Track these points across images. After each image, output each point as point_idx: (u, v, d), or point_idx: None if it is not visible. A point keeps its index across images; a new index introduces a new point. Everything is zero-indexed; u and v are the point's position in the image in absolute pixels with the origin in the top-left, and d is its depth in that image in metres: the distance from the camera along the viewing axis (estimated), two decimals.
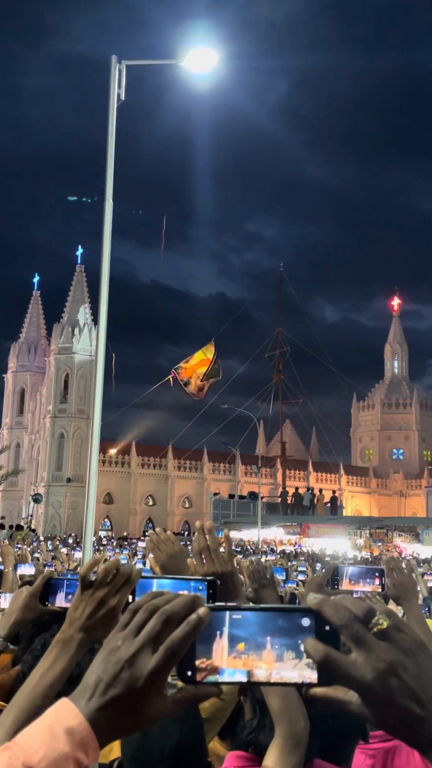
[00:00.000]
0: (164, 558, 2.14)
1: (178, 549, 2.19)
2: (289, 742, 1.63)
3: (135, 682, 0.83)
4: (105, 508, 67.17)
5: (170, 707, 0.86)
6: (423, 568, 16.29)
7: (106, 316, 9.99)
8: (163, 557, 2.15)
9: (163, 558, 2.15)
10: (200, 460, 73.35)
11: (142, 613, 0.86)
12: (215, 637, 0.85)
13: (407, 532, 44.43)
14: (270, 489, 68.12)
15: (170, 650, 0.83)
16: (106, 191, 9.85)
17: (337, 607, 0.81)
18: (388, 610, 0.83)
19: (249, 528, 43.96)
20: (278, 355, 74.99)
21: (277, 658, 0.83)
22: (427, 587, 10.54)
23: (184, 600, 0.86)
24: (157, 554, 2.16)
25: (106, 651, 0.86)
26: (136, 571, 1.48)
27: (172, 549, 2.17)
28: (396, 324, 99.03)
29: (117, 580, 1.47)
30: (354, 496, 79.57)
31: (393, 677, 0.78)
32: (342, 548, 32.44)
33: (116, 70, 9.54)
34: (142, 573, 1.51)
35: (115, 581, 1.47)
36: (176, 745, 1.63)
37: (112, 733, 0.85)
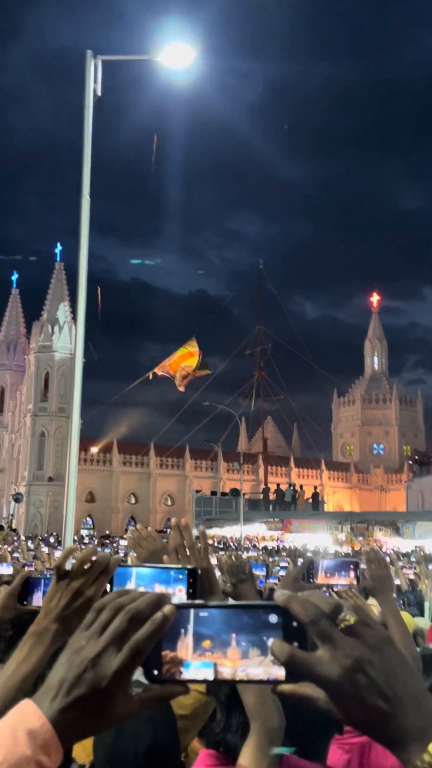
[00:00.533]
0: (146, 554, 2.14)
1: (160, 545, 2.18)
2: (264, 739, 1.63)
3: (99, 682, 0.81)
4: (87, 506, 66.87)
5: (136, 707, 0.85)
6: (403, 561, 16.43)
7: (84, 313, 9.93)
8: (144, 553, 2.15)
9: (145, 554, 2.14)
10: (182, 458, 73.30)
11: (106, 612, 0.85)
12: (180, 635, 0.83)
13: (388, 526, 44.79)
14: (252, 485, 68.30)
15: (135, 649, 0.82)
16: (83, 187, 9.79)
17: (305, 604, 0.80)
18: (355, 605, 0.83)
19: (231, 524, 44.04)
20: (259, 352, 75.20)
21: (243, 655, 0.82)
22: (407, 581, 10.63)
23: (150, 598, 0.84)
24: (139, 551, 2.16)
25: (70, 651, 0.85)
26: (114, 560, 1.46)
27: (153, 545, 2.17)
28: (375, 320, 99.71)
29: (94, 569, 1.44)
30: (335, 492, 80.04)
31: (359, 673, 0.78)
32: (324, 543, 32.62)
33: (92, 65, 9.48)
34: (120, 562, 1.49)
35: (91, 571, 1.44)
36: (149, 747, 1.62)
37: (76, 734, 0.83)
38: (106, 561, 1.45)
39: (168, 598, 0.85)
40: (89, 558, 1.45)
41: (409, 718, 0.78)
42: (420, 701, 0.79)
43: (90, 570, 1.45)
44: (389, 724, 0.78)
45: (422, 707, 0.79)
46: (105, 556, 1.48)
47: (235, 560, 2.39)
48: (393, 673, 0.79)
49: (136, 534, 2.21)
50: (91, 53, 9.57)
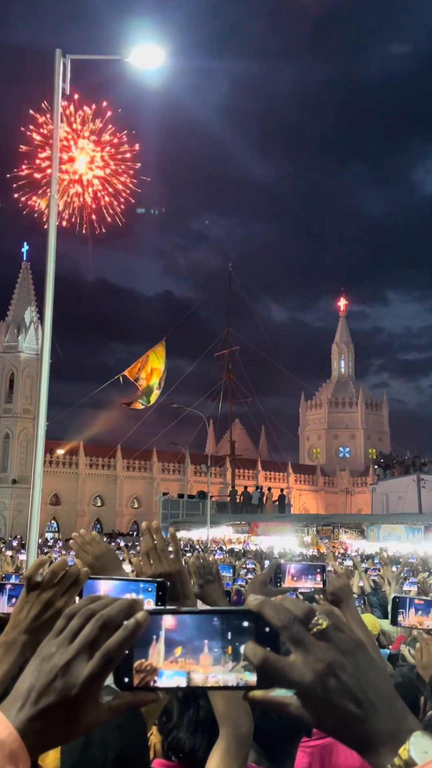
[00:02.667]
0: (91, 559, 2.10)
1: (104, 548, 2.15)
2: (233, 744, 1.61)
3: (69, 690, 0.79)
4: (52, 509, 66.10)
5: (106, 715, 0.83)
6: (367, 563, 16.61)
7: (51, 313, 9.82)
8: (89, 558, 2.11)
9: (90, 559, 2.10)
10: (149, 460, 73.00)
11: (77, 618, 0.83)
12: (152, 641, 0.82)
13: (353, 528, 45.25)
14: (220, 488, 68.36)
15: (106, 657, 0.80)
16: (52, 186, 9.69)
17: (278, 609, 0.80)
18: (328, 609, 0.82)
19: (198, 527, 43.99)
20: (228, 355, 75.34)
21: (215, 661, 0.81)
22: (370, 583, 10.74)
23: (122, 604, 0.83)
24: (83, 556, 2.12)
25: (39, 658, 0.83)
26: (84, 573, 1.44)
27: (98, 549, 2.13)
28: (342, 324, 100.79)
29: (64, 581, 1.42)
30: (302, 494, 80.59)
31: (331, 677, 0.77)
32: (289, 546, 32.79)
33: (60, 63, 9.39)
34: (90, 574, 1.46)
35: (62, 582, 1.42)
36: (118, 754, 1.59)
37: (45, 743, 0.81)
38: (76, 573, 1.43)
39: (140, 605, 0.83)
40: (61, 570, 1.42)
41: (381, 721, 0.78)
42: (391, 705, 0.79)
43: (60, 581, 1.43)
44: (361, 728, 0.78)
45: (393, 711, 0.79)
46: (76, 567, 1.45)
47: (202, 562, 2.39)
48: (365, 677, 0.79)
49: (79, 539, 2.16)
50: (60, 52, 9.48)
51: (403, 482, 67.17)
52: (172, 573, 1.70)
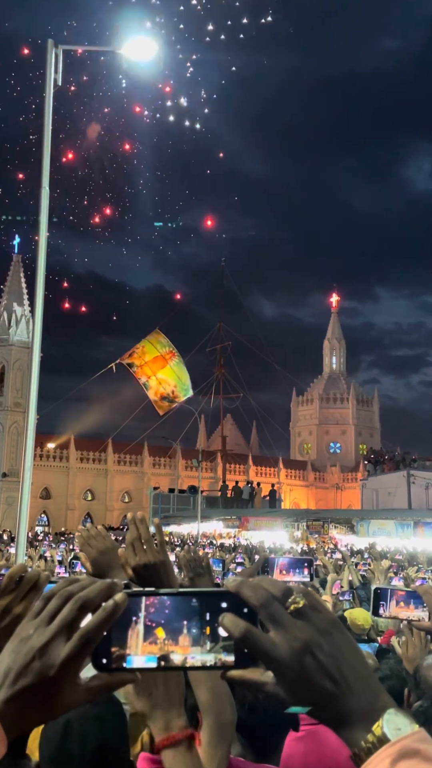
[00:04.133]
0: (95, 554, 2.10)
1: (110, 544, 2.15)
2: (215, 735, 1.61)
3: (47, 671, 0.80)
4: (42, 503, 65.99)
5: (84, 696, 0.83)
6: (356, 558, 16.69)
7: (42, 306, 9.78)
8: (93, 553, 2.10)
9: (94, 554, 2.10)
10: (140, 455, 72.96)
11: (55, 600, 0.83)
12: (131, 623, 0.82)
13: (343, 524, 45.45)
14: (210, 483, 68.43)
15: (85, 638, 0.81)
16: (42, 178, 9.63)
17: (255, 588, 0.81)
18: (304, 589, 0.83)
19: (189, 522, 44.05)
20: (220, 349, 75.34)
21: (193, 642, 0.81)
22: (359, 577, 10.80)
23: (100, 586, 0.83)
24: (88, 550, 2.11)
25: (17, 640, 0.83)
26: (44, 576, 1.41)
27: (103, 544, 2.13)
28: (334, 320, 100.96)
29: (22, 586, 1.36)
30: (292, 490, 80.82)
31: (308, 656, 0.79)
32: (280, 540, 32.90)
33: (52, 54, 9.32)
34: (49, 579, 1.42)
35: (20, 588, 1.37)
36: (97, 747, 1.58)
37: (22, 723, 0.82)
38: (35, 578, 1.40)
39: (119, 587, 0.83)
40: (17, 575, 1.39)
41: (356, 699, 0.79)
42: (366, 684, 0.80)
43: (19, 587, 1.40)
44: (336, 705, 0.79)
45: (369, 689, 0.80)
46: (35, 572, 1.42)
47: (192, 555, 2.40)
48: (341, 655, 0.80)
49: (85, 533, 2.16)
50: (52, 42, 9.40)
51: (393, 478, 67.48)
52: (157, 563, 1.70)
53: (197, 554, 2.42)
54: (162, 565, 1.69)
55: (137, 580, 1.69)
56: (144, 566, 1.68)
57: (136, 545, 1.73)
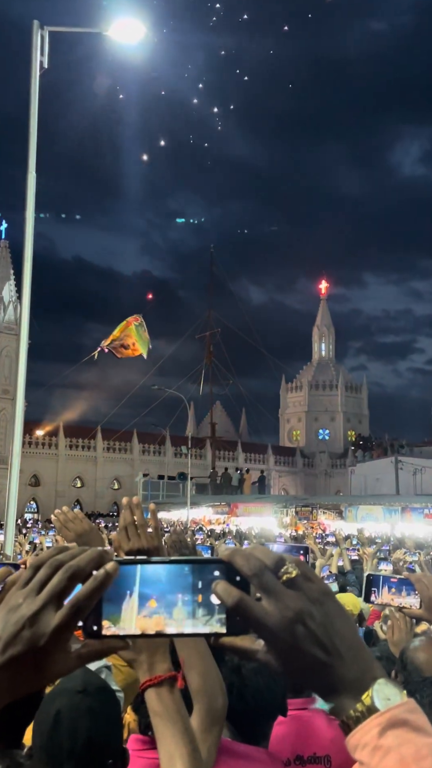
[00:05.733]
0: (73, 536, 2.09)
1: (87, 526, 2.13)
2: (206, 720, 1.61)
3: (37, 640, 0.79)
4: (31, 490, 65.89)
5: (74, 663, 0.83)
6: (346, 543, 16.82)
7: (29, 292, 9.70)
8: (71, 536, 2.09)
9: (72, 537, 2.09)
10: (130, 442, 72.94)
11: (45, 568, 0.82)
12: (125, 595, 0.81)
13: (331, 509, 45.74)
14: (200, 469, 68.62)
15: (75, 607, 0.80)
16: (29, 163, 9.51)
17: (248, 557, 0.81)
18: (297, 559, 0.83)
19: (178, 508, 44.17)
20: (209, 336, 75.21)
21: (189, 614, 0.81)
22: (349, 561, 10.87)
23: (91, 555, 0.82)
24: (66, 533, 2.10)
25: (5, 609, 0.82)
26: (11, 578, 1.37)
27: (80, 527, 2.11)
28: (323, 307, 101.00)
29: None
30: (281, 476, 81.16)
31: (300, 625, 0.79)
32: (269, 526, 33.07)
33: (38, 36, 9.16)
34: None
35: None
36: (87, 739, 1.56)
37: (12, 692, 0.81)
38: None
39: (110, 555, 0.82)
40: None
41: (346, 669, 0.80)
42: (357, 654, 0.81)
43: None
44: (327, 674, 0.80)
45: (359, 660, 0.81)
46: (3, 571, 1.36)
47: (179, 535, 2.41)
48: (332, 625, 0.80)
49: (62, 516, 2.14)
50: (37, 24, 9.24)
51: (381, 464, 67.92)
52: (150, 549, 1.69)
53: (183, 536, 2.44)
54: (156, 551, 1.69)
55: None
56: (137, 551, 1.67)
57: (129, 530, 1.72)
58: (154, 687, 1.35)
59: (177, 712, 1.34)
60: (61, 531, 2.09)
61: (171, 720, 1.32)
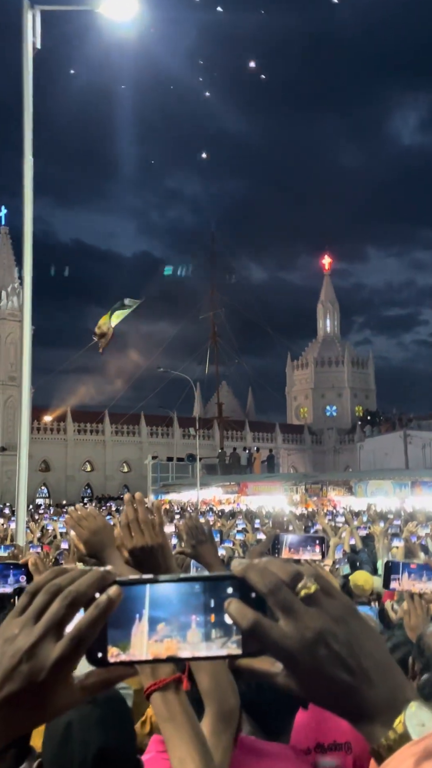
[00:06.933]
0: (87, 534, 2.04)
1: (101, 523, 2.08)
2: (219, 721, 1.57)
3: (36, 675, 0.71)
4: (41, 475, 66.29)
5: (79, 696, 0.75)
6: (357, 521, 16.82)
7: (31, 278, 9.62)
8: (85, 534, 2.04)
9: (86, 534, 2.04)
10: (138, 425, 73.18)
11: (42, 595, 0.74)
12: (133, 619, 0.74)
13: (341, 486, 45.85)
14: (208, 450, 68.85)
15: (77, 638, 0.72)
16: (24, 147, 9.37)
17: (263, 572, 0.73)
18: (316, 573, 0.76)
19: (188, 489, 44.39)
20: (213, 316, 75.03)
21: (203, 637, 0.74)
22: (360, 540, 10.86)
23: (91, 577, 0.75)
24: (79, 531, 2.05)
25: (0, 640, 0.74)
26: None
27: (94, 524, 2.07)
28: (327, 283, 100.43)
29: None
30: (290, 454, 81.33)
31: (322, 646, 0.71)
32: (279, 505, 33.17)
33: (29, 15, 8.97)
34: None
35: None
36: (99, 751, 1.51)
37: (12, 730, 0.74)
38: None
39: (112, 576, 0.75)
40: None
41: (375, 691, 0.72)
42: (386, 674, 0.73)
43: None
44: (353, 698, 0.72)
45: (389, 680, 0.73)
46: None
47: (194, 522, 2.37)
48: (358, 644, 0.73)
49: (75, 514, 2.10)
50: (27, 3, 9.05)
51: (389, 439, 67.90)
52: (154, 546, 1.63)
53: (198, 522, 2.40)
54: (160, 548, 1.63)
55: (133, 563, 1.62)
56: (141, 549, 1.61)
57: (133, 527, 1.66)
58: (159, 691, 1.30)
59: (185, 715, 1.29)
60: (75, 528, 2.05)
61: (179, 724, 1.28)
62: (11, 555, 5.17)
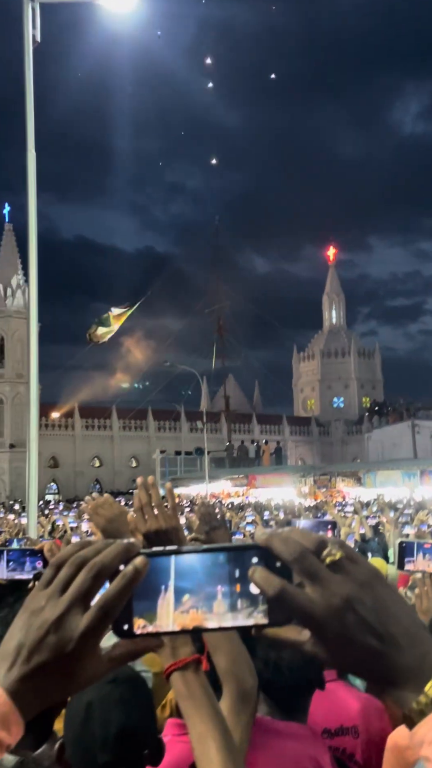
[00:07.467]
0: (103, 522, 2.06)
1: (117, 510, 2.10)
2: (237, 701, 1.57)
3: (64, 646, 0.72)
4: (51, 472, 66.59)
5: (106, 666, 0.75)
6: (367, 511, 16.82)
7: (36, 275, 9.62)
8: (102, 521, 2.06)
9: (103, 522, 2.06)
10: (145, 419, 73.33)
11: (67, 567, 0.74)
12: (159, 590, 0.74)
13: (350, 476, 45.84)
14: (216, 444, 68.95)
15: (104, 609, 0.72)
16: (27, 142, 9.35)
17: (287, 541, 0.73)
18: (340, 540, 0.77)
19: (197, 483, 44.48)
20: (218, 310, 74.97)
21: (229, 607, 0.73)
22: (370, 529, 10.86)
23: (116, 549, 0.75)
24: (96, 519, 2.07)
25: (27, 612, 0.74)
26: None
27: (110, 511, 2.08)
28: (332, 274, 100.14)
29: None
30: (298, 446, 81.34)
31: (350, 612, 0.71)
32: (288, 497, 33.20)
33: (29, 8, 8.93)
34: None
35: None
36: (120, 730, 1.53)
37: (40, 702, 0.73)
38: None
39: (137, 547, 0.75)
40: None
41: (404, 656, 0.72)
42: (415, 638, 0.72)
43: None
44: (382, 663, 0.72)
45: (417, 645, 0.72)
46: None
47: (207, 508, 2.40)
48: (385, 609, 0.73)
49: (92, 502, 2.12)
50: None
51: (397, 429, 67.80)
52: (168, 529, 1.63)
53: (212, 508, 2.42)
54: (174, 530, 1.63)
55: (148, 547, 1.62)
56: (155, 532, 1.62)
57: (146, 510, 1.66)
58: (179, 671, 1.32)
59: (204, 694, 1.32)
60: (93, 516, 2.07)
61: (199, 702, 1.30)
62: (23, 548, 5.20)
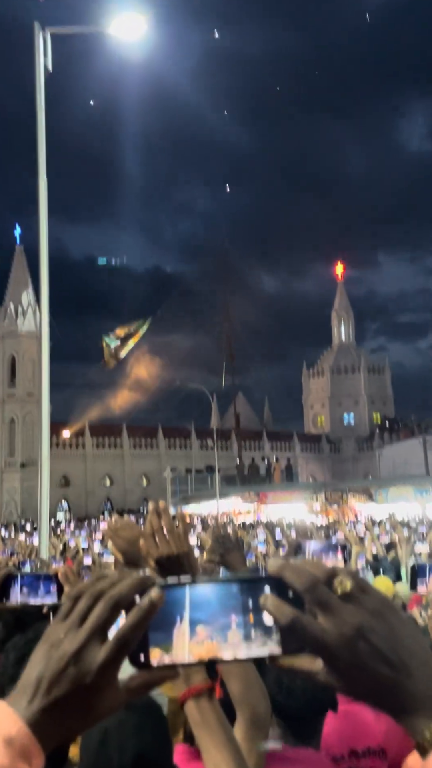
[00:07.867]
0: (125, 545, 2.08)
1: (137, 532, 2.12)
2: (251, 728, 1.58)
3: (83, 678, 0.73)
4: (62, 491, 66.53)
5: (124, 698, 0.77)
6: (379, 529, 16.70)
7: (47, 295, 9.74)
8: (123, 544, 2.08)
9: (124, 545, 2.08)
10: (155, 438, 73.28)
11: (85, 599, 0.76)
12: (174, 621, 0.76)
13: (361, 493, 45.52)
14: (226, 461, 68.74)
15: (122, 641, 0.74)
16: (38, 167, 9.52)
17: (299, 571, 0.75)
18: (351, 570, 0.79)
19: (207, 501, 44.31)
20: (227, 328, 75.16)
21: (244, 637, 0.76)
22: (382, 547, 10.81)
23: (132, 582, 0.77)
24: (117, 541, 2.09)
25: (47, 645, 0.76)
26: None
27: (131, 534, 2.10)
28: (341, 291, 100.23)
29: None
30: (308, 463, 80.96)
31: (362, 641, 0.73)
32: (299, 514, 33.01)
33: (40, 38, 9.13)
34: None
35: None
36: (136, 757, 1.54)
37: (60, 735, 0.75)
38: None
39: (152, 580, 0.77)
40: None
41: (416, 684, 0.73)
42: (427, 666, 0.74)
43: None
44: (395, 692, 0.73)
45: (430, 672, 0.74)
46: None
47: (221, 530, 2.41)
48: (396, 637, 0.74)
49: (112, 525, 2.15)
50: (38, 25, 9.20)
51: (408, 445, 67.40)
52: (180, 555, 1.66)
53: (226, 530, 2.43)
54: (185, 556, 1.65)
55: (160, 572, 1.65)
56: (167, 558, 1.64)
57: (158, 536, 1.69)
58: (192, 698, 1.33)
59: (218, 722, 1.33)
60: (113, 538, 2.09)
61: (213, 730, 1.31)
62: (35, 569, 5.23)
